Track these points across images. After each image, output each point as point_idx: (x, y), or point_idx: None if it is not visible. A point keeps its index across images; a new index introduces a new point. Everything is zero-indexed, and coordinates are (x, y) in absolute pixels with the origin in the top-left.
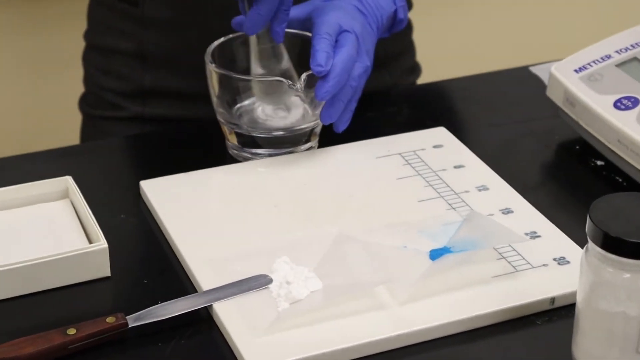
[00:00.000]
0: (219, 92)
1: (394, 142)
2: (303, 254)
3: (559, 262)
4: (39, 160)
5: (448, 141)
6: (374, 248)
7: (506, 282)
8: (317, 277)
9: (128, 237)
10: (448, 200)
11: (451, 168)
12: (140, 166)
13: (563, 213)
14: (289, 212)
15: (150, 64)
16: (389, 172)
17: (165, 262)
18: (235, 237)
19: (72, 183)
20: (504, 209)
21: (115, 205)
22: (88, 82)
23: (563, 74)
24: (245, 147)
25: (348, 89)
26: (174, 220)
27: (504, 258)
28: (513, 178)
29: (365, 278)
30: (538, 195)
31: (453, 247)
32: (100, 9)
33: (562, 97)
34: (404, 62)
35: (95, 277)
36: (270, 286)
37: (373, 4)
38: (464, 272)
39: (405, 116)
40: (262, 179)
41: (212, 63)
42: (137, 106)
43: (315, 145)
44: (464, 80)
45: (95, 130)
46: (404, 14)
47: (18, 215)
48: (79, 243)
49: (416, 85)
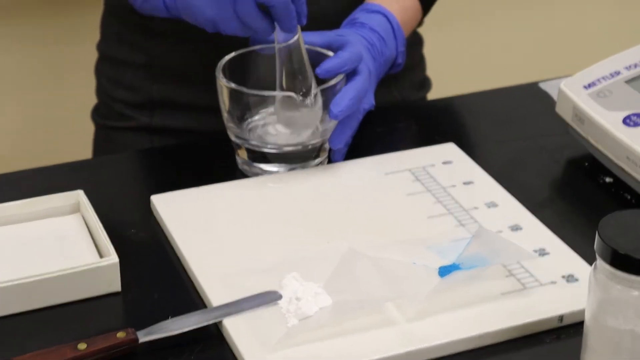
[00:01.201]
0: (230, 107)
1: (403, 158)
2: (312, 270)
3: (567, 280)
4: (49, 174)
5: (457, 157)
6: (383, 264)
7: (515, 300)
8: (326, 293)
9: (139, 252)
10: (457, 217)
11: (460, 184)
12: (151, 180)
13: (572, 230)
14: (299, 227)
15: (159, 76)
16: (398, 188)
17: (175, 277)
18: (245, 252)
19: (83, 197)
20: (512, 225)
21: (126, 220)
22: (100, 92)
23: (572, 90)
24: (255, 163)
25: (355, 119)
26: (184, 235)
27: (513, 275)
28: (522, 194)
29: (374, 294)
30: (547, 212)
31: (462, 263)
32: (113, 21)
33: (571, 113)
34: (414, 77)
35: (106, 291)
36: (279, 302)
37: (380, 50)
38: (473, 289)
39: (414, 132)
40: (272, 194)
41: (223, 78)
42: (145, 117)
43: (325, 161)
44: (473, 96)
45: (107, 141)
46: (402, 59)
47: (29, 229)
48: (89, 257)
49: (426, 101)
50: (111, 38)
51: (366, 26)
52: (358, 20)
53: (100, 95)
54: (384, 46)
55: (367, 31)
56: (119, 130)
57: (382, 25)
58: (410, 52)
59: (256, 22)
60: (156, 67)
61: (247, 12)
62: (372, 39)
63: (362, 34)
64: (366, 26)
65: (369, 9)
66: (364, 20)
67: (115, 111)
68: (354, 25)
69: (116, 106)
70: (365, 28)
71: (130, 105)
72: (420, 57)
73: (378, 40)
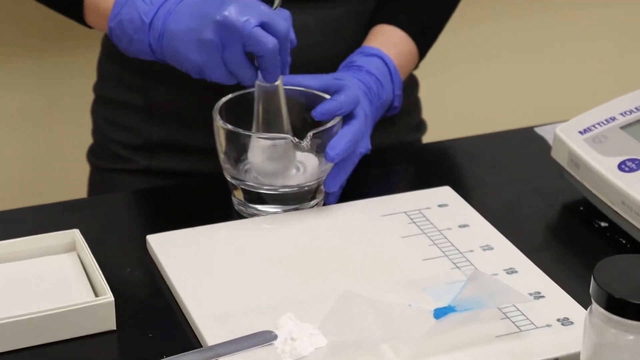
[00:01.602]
0: (226, 148)
1: (399, 201)
2: (308, 311)
3: (562, 323)
4: (46, 213)
5: (453, 200)
6: (379, 305)
7: (510, 342)
8: (321, 334)
9: (134, 291)
10: (453, 259)
11: (456, 227)
12: (147, 220)
13: (567, 273)
14: (295, 268)
15: (158, 118)
16: (394, 230)
17: (170, 316)
18: (241, 292)
19: (79, 236)
20: (508, 268)
21: (121, 259)
22: (96, 133)
23: (568, 135)
24: (251, 203)
25: (350, 163)
26: (180, 275)
27: (508, 318)
28: (517, 238)
29: (369, 335)
30: (542, 255)
31: (457, 306)
32: (110, 63)
33: (566, 158)
34: (410, 120)
35: (101, 330)
36: (275, 342)
37: (377, 93)
38: (468, 331)
39: (410, 175)
40: (268, 235)
41: (220, 119)
42: (145, 159)
43: (321, 202)
44: (469, 139)
45: (103, 182)
46: (398, 102)
47: (25, 267)
48: (85, 296)
49: (422, 144)
50: (109, 79)
51: (363, 69)
52: (355, 64)
53: (96, 136)
54: (381, 89)
55: (364, 74)
56: (116, 172)
57: (380, 68)
58: (406, 95)
59: (242, 70)
60: (156, 109)
61: (235, 60)
62: (369, 82)
63: (359, 77)
64: (363, 69)
65: (367, 52)
66: (361, 64)
67: (112, 152)
68: (351, 68)
69: (113, 147)
70: (363, 71)
71: (129, 147)
72: (415, 100)
73: (375, 83)
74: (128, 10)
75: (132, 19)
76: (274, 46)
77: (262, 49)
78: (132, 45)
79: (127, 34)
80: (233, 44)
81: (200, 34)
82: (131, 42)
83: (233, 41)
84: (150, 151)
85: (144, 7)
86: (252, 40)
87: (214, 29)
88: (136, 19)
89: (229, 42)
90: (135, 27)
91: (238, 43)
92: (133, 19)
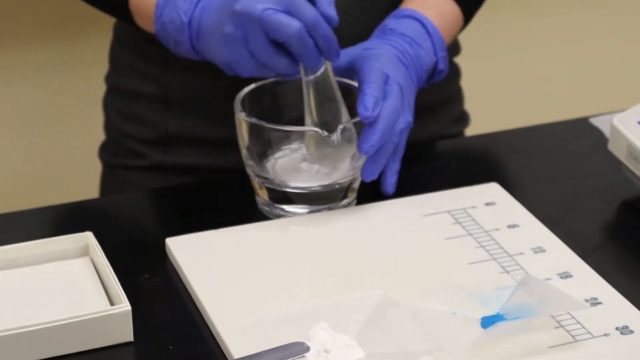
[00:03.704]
0: (249, 143)
1: (441, 199)
2: (343, 320)
3: (621, 332)
4: (55, 215)
5: (501, 198)
6: (421, 314)
7: (564, 353)
8: (358, 345)
9: (152, 299)
10: (501, 263)
11: (504, 228)
12: (165, 222)
13: (626, 278)
14: (327, 274)
15: (176, 109)
16: (436, 231)
17: (192, 326)
18: (269, 300)
19: (92, 239)
20: (562, 272)
21: (138, 264)
22: (109, 128)
23: (626, 126)
24: (277, 203)
25: (390, 144)
26: (202, 281)
27: (562, 327)
28: (572, 239)
29: (411, 347)
30: (599, 258)
31: (506, 314)
32: (123, 51)
33: (625, 151)
34: (451, 111)
35: (117, 342)
36: (307, 355)
37: (414, 55)
38: (519, 341)
39: (454, 170)
40: (297, 237)
41: (241, 112)
42: (159, 154)
43: (354, 202)
44: (517, 132)
45: (116, 181)
46: (444, 65)
47: (34, 273)
48: (99, 305)
49: (466, 137)
50: (122, 69)
51: (396, 32)
52: (387, 27)
53: (108, 131)
54: (419, 50)
55: (396, 37)
56: (130, 170)
57: (414, 29)
58: (447, 83)
59: (272, 60)
60: (172, 99)
61: (261, 51)
62: (402, 45)
63: (391, 41)
64: (396, 32)
65: (399, 15)
66: (393, 26)
67: (126, 148)
68: (384, 32)
69: (127, 142)
70: (395, 34)
71: (144, 142)
72: (457, 89)
73: (409, 44)
74: (169, 12)
75: (173, 19)
76: (297, 30)
77: (283, 34)
78: (178, 46)
79: (171, 35)
80: (255, 33)
81: (222, 28)
82: (176, 44)
83: (254, 31)
84: (166, 145)
85: (184, 5)
86: (271, 26)
87: (233, 22)
88: (177, 20)
89: (250, 33)
90: (176, 28)
91: (260, 32)
92: (174, 19)
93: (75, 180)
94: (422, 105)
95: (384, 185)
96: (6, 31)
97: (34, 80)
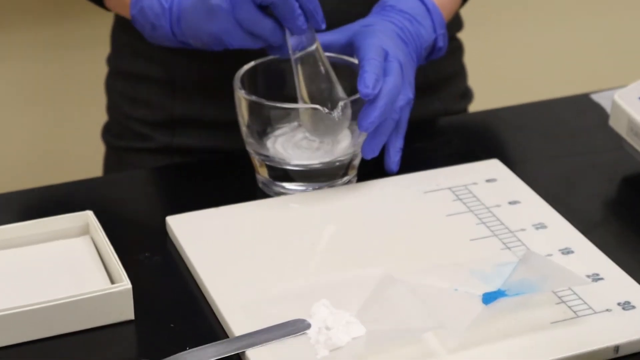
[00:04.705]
0: (249, 121)
1: (443, 176)
2: (344, 297)
3: (623, 307)
4: (56, 194)
5: (502, 175)
6: (422, 291)
7: (566, 329)
8: (359, 322)
9: (153, 277)
10: (502, 239)
11: (506, 204)
12: (166, 200)
13: (627, 253)
14: (328, 251)
15: (181, 92)
16: (437, 208)
17: (193, 304)
18: (270, 278)
19: (93, 218)
20: (563, 248)
21: (139, 243)
22: (112, 110)
23: (627, 101)
24: (277, 181)
25: (390, 121)
26: (203, 259)
27: (564, 302)
28: (573, 215)
29: (412, 324)
30: (600, 233)
31: (508, 290)
32: (126, 33)
33: (626, 126)
34: (454, 87)
35: (118, 320)
36: (308, 332)
37: (414, 32)
38: (520, 317)
39: (455, 147)
40: (297, 215)
41: (241, 89)
42: (166, 136)
43: (354, 179)
44: (519, 108)
45: (120, 163)
46: (443, 42)
47: (35, 252)
48: (100, 283)
49: (468, 114)
50: (124, 51)
51: (395, 9)
52: (387, 4)
53: (112, 112)
54: (418, 27)
55: (395, 14)
56: (135, 152)
57: (413, 5)
58: (450, 60)
59: (259, 26)
60: (178, 81)
61: (248, 18)
62: (401, 22)
63: (390, 18)
64: (395, 9)
65: None
66: (392, 3)
67: (130, 130)
68: (383, 9)
69: (131, 124)
70: (394, 11)
71: (148, 124)
72: (460, 66)
73: (409, 21)
74: None
75: (151, 5)
76: None
77: None
78: (155, 31)
79: (149, 20)
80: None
81: (208, 2)
82: (154, 29)
83: None
84: (172, 127)
85: None
86: None
87: None
88: (156, 5)
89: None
90: (155, 14)
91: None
92: (153, 5)
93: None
94: (426, 82)
95: (387, 164)
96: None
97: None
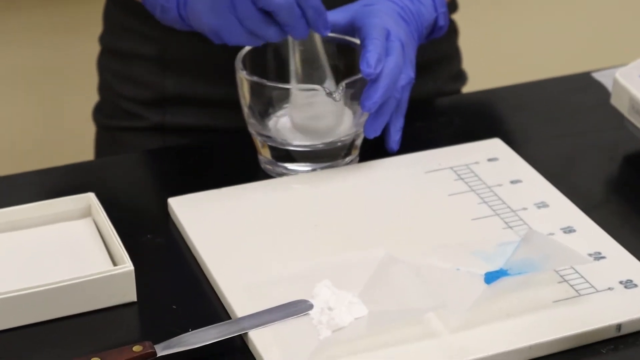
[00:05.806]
0: (251, 102)
1: (444, 155)
2: (346, 278)
3: (625, 286)
4: (55, 176)
5: (504, 154)
6: (424, 271)
7: (568, 308)
8: (362, 303)
9: (155, 259)
10: (504, 219)
11: (507, 183)
12: (168, 182)
13: (629, 232)
14: (330, 232)
15: (173, 69)
16: (439, 187)
17: (196, 286)
18: (272, 259)
19: (94, 200)
20: (565, 227)
21: (141, 224)
22: (103, 89)
23: (628, 80)
24: (280, 162)
25: (392, 101)
26: (205, 241)
27: (566, 281)
28: (575, 194)
29: (414, 304)
30: (602, 212)
31: (510, 269)
32: (118, 11)
33: (627, 105)
34: (449, 68)
35: (121, 302)
36: (310, 312)
37: (415, 11)
38: (522, 296)
39: (456, 126)
40: (299, 196)
41: (243, 70)
42: (157, 115)
43: (356, 160)
44: (520, 87)
45: (112, 143)
46: (444, 21)
47: (36, 235)
48: (102, 265)
49: (469, 93)
50: (117, 29)
51: None
52: None
53: (103, 92)
54: (419, 6)
55: None
56: (127, 131)
57: None
58: (446, 42)
59: (260, 27)
60: (170, 59)
61: (249, 18)
62: (402, 1)
63: None
64: None
65: None
66: None
67: (121, 109)
68: None
69: (123, 104)
70: None
71: (140, 103)
72: (455, 48)
73: (410, 0)
74: None
75: None
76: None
77: (270, 3)
78: (165, 14)
79: (159, 2)
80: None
81: None
82: (163, 11)
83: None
84: (163, 106)
85: None
86: None
87: None
88: None
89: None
90: None
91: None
92: None
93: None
94: (420, 62)
95: (388, 143)
96: None
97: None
